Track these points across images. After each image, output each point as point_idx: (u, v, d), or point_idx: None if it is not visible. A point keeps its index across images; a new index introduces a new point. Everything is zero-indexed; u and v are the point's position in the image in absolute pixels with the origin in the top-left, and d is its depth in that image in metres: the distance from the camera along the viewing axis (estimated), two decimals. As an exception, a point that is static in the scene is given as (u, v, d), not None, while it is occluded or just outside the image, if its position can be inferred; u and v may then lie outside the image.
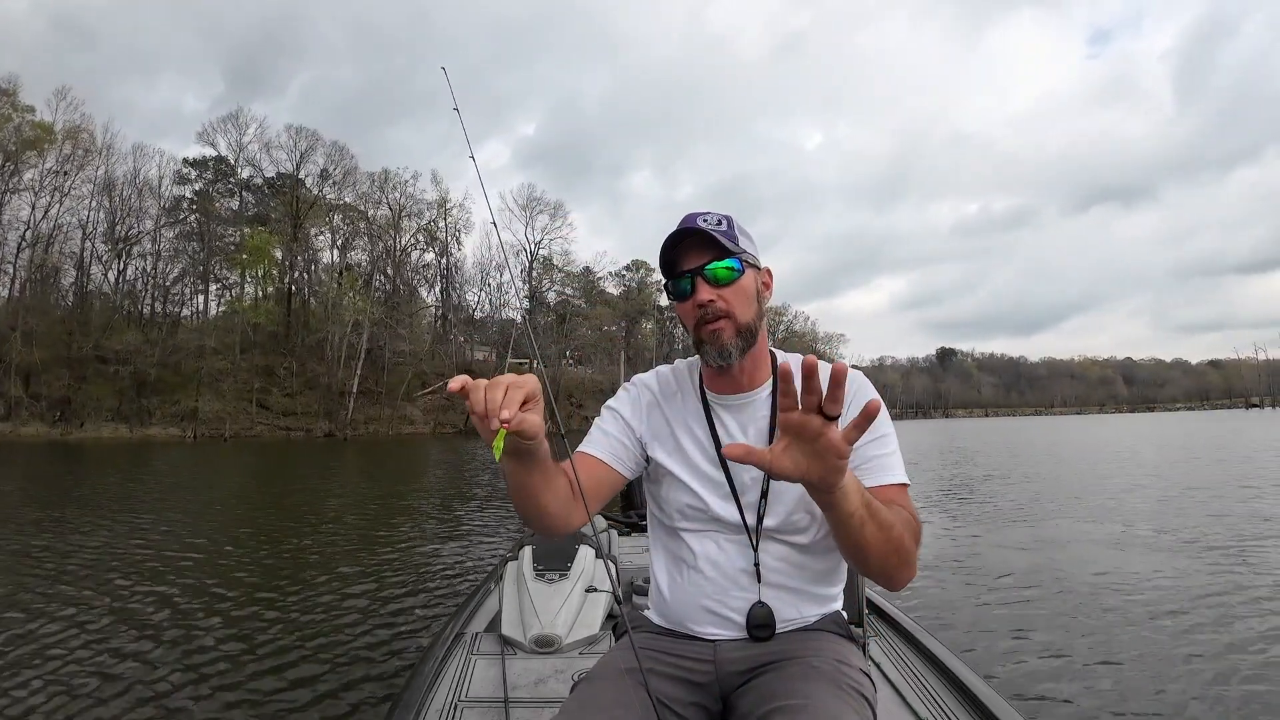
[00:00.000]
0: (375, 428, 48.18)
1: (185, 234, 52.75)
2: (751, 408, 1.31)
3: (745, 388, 1.31)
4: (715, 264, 1.23)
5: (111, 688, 3.40)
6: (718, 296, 1.23)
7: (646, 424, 1.37)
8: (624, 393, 1.43)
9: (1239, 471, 13.40)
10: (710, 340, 1.24)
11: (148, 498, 11.87)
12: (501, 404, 0.95)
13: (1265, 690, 3.26)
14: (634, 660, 1.14)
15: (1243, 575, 5.46)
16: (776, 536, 1.27)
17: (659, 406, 1.38)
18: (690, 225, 1.25)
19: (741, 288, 1.25)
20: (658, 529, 1.41)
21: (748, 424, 1.30)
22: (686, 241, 1.25)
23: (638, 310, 73.70)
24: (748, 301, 1.25)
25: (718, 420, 1.32)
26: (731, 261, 1.24)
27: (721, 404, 1.33)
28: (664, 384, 1.41)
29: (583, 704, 1.13)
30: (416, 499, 11.74)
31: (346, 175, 57.27)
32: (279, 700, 3.28)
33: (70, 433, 39.15)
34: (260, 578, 5.81)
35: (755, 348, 1.27)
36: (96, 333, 44.14)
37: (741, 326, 1.24)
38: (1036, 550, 6.64)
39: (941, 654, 2.22)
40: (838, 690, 1.09)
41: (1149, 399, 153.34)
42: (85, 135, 47.70)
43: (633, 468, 1.37)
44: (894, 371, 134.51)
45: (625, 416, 1.38)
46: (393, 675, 3.55)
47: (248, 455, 26.41)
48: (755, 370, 1.30)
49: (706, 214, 1.28)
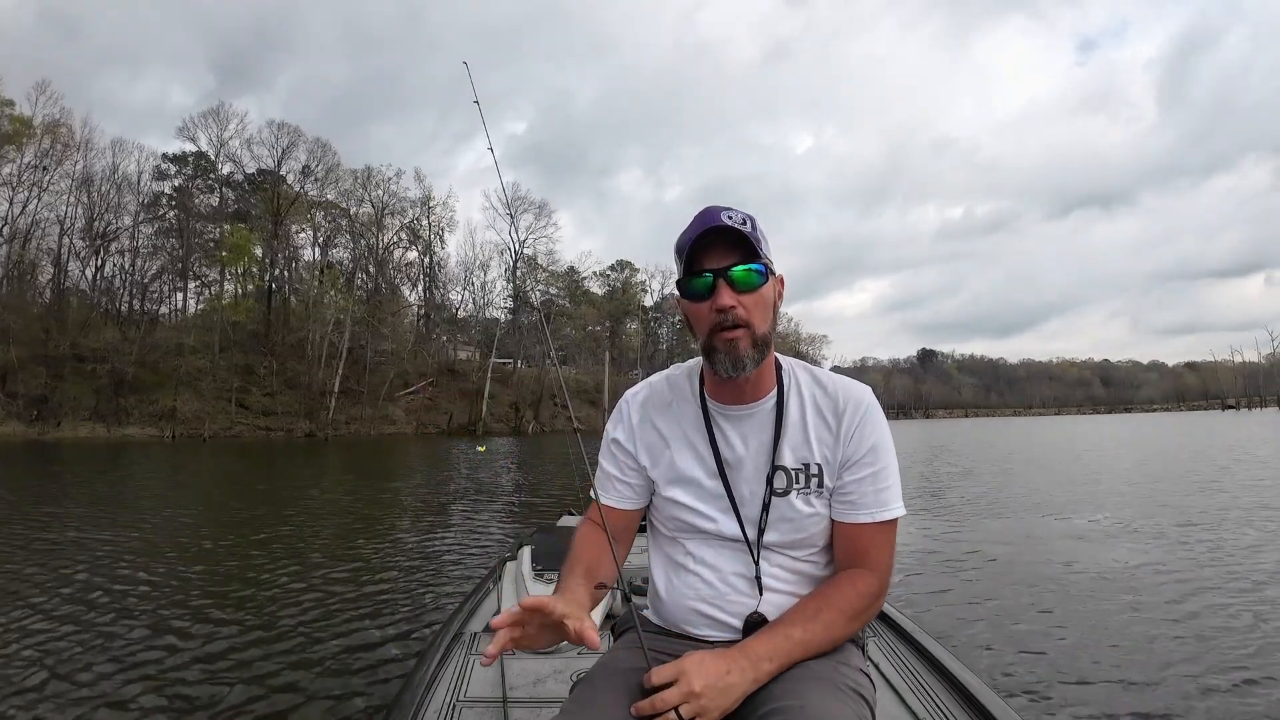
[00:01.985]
0: (357, 428, 47.76)
1: (164, 230, 52.00)
2: (755, 419, 1.27)
3: (749, 398, 1.27)
4: (741, 267, 1.16)
5: (109, 690, 3.37)
6: (738, 303, 1.16)
7: (640, 442, 1.34)
8: (617, 415, 1.39)
9: (1236, 471, 13.58)
10: (725, 349, 1.18)
11: (133, 498, 11.73)
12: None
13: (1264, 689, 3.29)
14: (632, 660, 1.14)
15: (1240, 571, 5.52)
16: (777, 549, 1.26)
17: (650, 419, 1.35)
18: (715, 220, 1.17)
19: (763, 296, 1.19)
20: (656, 533, 1.40)
21: (749, 435, 1.27)
22: (710, 236, 1.17)
23: (622, 310, 73.62)
24: (766, 311, 1.20)
25: (718, 431, 1.28)
26: (758, 266, 1.17)
27: (723, 414, 1.28)
28: (656, 394, 1.36)
29: (582, 704, 1.12)
30: (409, 499, 11.64)
31: (329, 172, 56.72)
32: (277, 701, 3.26)
33: (47, 432, 38.54)
34: (251, 579, 5.74)
35: (766, 358, 1.23)
36: (74, 330, 43.45)
37: (759, 338, 1.18)
38: (1035, 550, 6.69)
39: (940, 654, 2.22)
40: (836, 690, 1.09)
41: (1126, 400, 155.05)
42: (64, 130, 47.08)
43: (648, 496, 1.37)
44: (876, 372, 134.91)
45: (624, 444, 1.36)
46: (391, 676, 3.54)
47: (228, 455, 26.08)
48: (761, 381, 1.26)
49: (730, 210, 1.20)
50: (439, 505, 10.64)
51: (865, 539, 1.23)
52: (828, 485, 1.24)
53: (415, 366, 55.36)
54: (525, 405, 57.56)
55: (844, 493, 1.24)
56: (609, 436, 1.39)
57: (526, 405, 57.54)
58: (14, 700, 3.27)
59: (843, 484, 1.24)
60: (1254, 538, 6.80)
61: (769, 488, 1.24)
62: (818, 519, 1.25)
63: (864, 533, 1.22)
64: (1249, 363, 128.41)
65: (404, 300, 61.84)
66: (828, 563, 1.29)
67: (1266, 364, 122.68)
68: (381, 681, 3.49)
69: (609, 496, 1.36)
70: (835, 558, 1.29)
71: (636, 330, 76.11)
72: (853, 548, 1.23)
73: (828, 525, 1.26)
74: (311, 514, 9.67)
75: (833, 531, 1.27)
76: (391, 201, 59.28)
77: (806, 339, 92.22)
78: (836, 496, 1.25)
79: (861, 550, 1.23)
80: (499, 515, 9.26)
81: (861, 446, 1.23)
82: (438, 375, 56.29)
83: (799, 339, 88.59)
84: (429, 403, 53.92)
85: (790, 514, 1.24)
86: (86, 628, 4.36)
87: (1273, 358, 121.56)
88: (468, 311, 65.73)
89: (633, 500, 1.36)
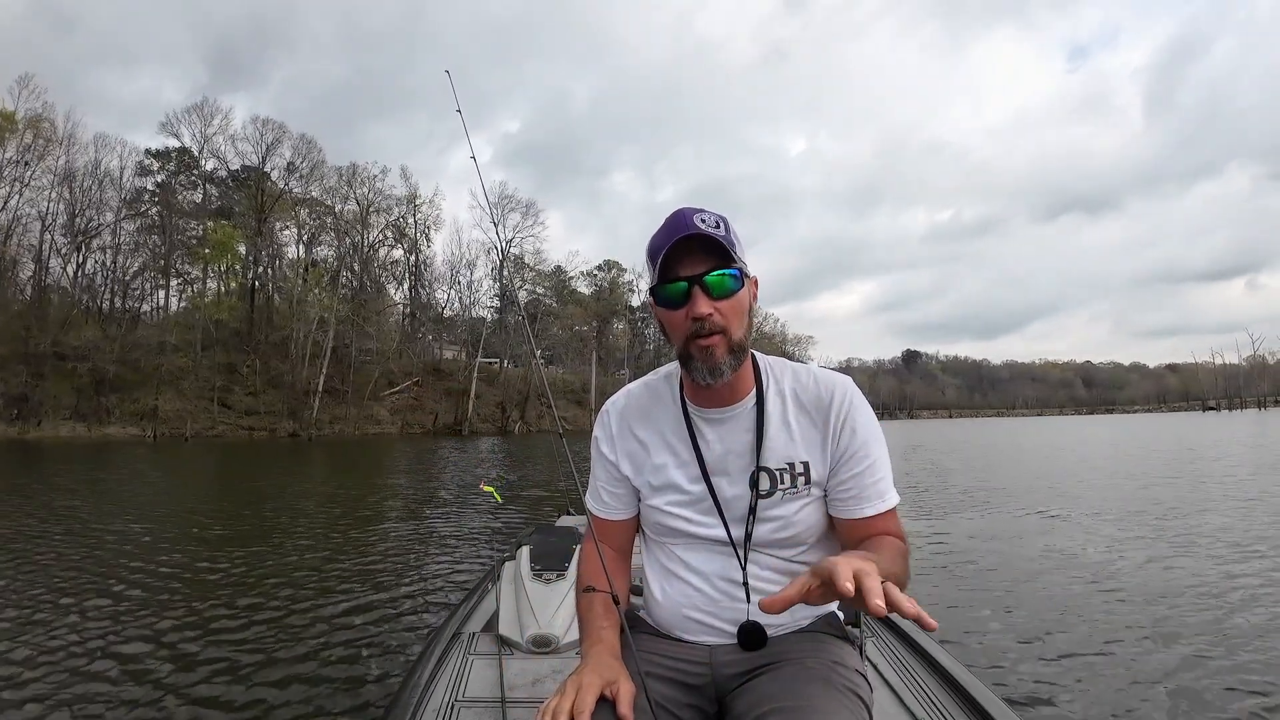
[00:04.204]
0: (341, 427, 47.36)
1: (146, 227, 51.20)
2: (735, 421, 1.27)
3: (728, 401, 1.26)
4: (716, 273, 1.14)
5: (105, 691, 3.36)
6: (715, 310, 1.15)
7: (621, 451, 1.36)
8: (601, 424, 1.39)
9: (1220, 469, 13.80)
10: (702, 357, 1.16)
11: (120, 499, 11.58)
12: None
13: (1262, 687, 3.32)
14: (631, 662, 1.15)
15: (1241, 571, 5.59)
16: (766, 550, 1.26)
17: (630, 429, 1.35)
18: (688, 225, 1.14)
19: (738, 301, 1.17)
20: (647, 539, 1.40)
21: (731, 437, 1.26)
22: (684, 242, 1.14)
23: (610, 310, 73.50)
24: (742, 316, 1.19)
25: (699, 434, 1.28)
26: (733, 271, 1.15)
27: (703, 417, 1.28)
28: (635, 402, 1.37)
29: None
30: (403, 499, 11.56)
31: (313, 169, 56.14)
32: (275, 702, 3.26)
33: (28, 431, 37.99)
34: (246, 579, 5.71)
35: (743, 362, 1.23)
36: (54, 328, 42.83)
37: (735, 344, 1.17)
38: (1027, 548, 6.75)
39: (938, 654, 2.23)
40: (833, 691, 1.09)
41: (1108, 401, 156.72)
42: (47, 125, 46.37)
43: (637, 504, 1.38)
44: (861, 373, 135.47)
45: (607, 455, 1.37)
46: (389, 675, 3.54)
47: (212, 455, 25.81)
48: (739, 382, 1.25)
49: (703, 212, 1.17)
50: (437, 506, 10.58)
51: (871, 530, 1.23)
52: (815, 481, 1.24)
53: (400, 366, 54.98)
54: (511, 405, 57.31)
55: (843, 489, 1.24)
56: (596, 448, 1.40)
57: (513, 405, 57.29)
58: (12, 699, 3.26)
59: (839, 481, 1.24)
60: (1246, 531, 6.91)
61: (754, 490, 1.24)
62: (806, 517, 1.25)
63: (868, 526, 1.23)
64: (1230, 365, 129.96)
65: (389, 299, 61.40)
66: (820, 557, 1.26)
67: (1247, 366, 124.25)
68: (380, 681, 3.49)
69: (599, 507, 1.39)
70: (842, 549, 1.29)
71: (624, 330, 76.02)
72: (860, 538, 1.24)
73: (816, 523, 1.27)
74: (303, 515, 9.60)
75: (833, 527, 1.28)
76: (377, 199, 58.88)
77: (793, 339, 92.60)
78: (834, 494, 1.25)
79: (870, 537, 1.22)
80: (500, 516, 9.23)
81: (854, 442, 1.23)
82: (423, 375, 55.92)
83: (785, 339, 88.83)
84: (414, 402, 53.57)
85: (777, 514, 1.24)
86: (86, 628, 4.34)
87: (1253, 360, 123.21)
88: (454, 310, 65.52)
89: (621, 510, 1.38)
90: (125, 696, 3.31)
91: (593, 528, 1.37)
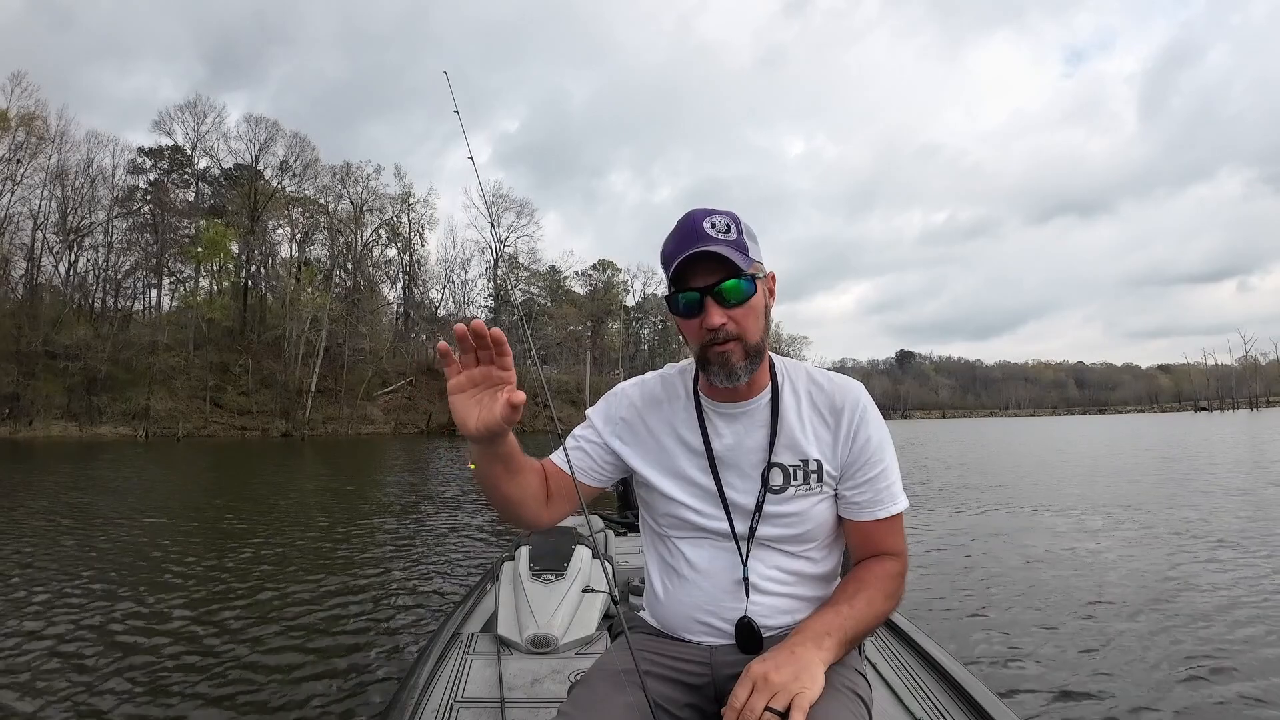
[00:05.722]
0: (334, 427, 47.22)
1: (138, 225, 50.99)
2: (750, 416, 1.27)
3: (744, 396, 1.27)
4: (728, 283, 1.15)
5: (105, 691, 3.36)
6: (729, 319, 1.16)
7: (621, 433, 1.35)
8: (602, 401, 1.40)
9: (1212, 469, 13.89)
10: (719, 363, 1.18)
11: (114, 498, 11.53)
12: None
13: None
14: (630, 661, 1.14)
15: (1239, 570, 5.62)
16: (770, 545, 1.26)
17: (640, 416, 1.35)
18: (699, 234, 1.16)
19: (753, 306, 1.18)
20: (650, 533, 1.40)
21: (744, 432, 1.27)
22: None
23: (604, 310, 73.49)
24: (758, 320, 1.19)
25: (711, 426, 1.28)
26: (745, 282, 1.16)
27: (717, 411, 1.29)
28: (648, 392, 1.37)
29: (580, 706, 1.13)
30: (398, 499, 11.55)
31: (307, 168, 56.17)
32: (275, 702, 3.26)
33: (18, 430, 37.79)
34: (244, 580, 5.70)
35: (760, 363, 1.23)
36: (46, 327, 42.61)
37: (751, 349, 1.18)
38: (1025, 547, 6.77)
39: (937, 654, 2.24)
40: (833, 691, 1.08)
41: (1100, 401, 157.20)
42: (39, 122, 46.13)
43: (599, 477, 1.36)
44: (855, 373, 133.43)
45: (597, 426, 1.37)
46: (388, 676, 3.54)
47: (205, 455, 25.71)
48: (755, 378, 1.24)
49: (714, 214, 1.19)
50: (435, 505, 10.57)
51: (879, 533, 1.26)
52: (828, 479, 1.26)
53: (394, 365, 54.82)
54: (506, 405, 57.01)
55: (854, 494, 1.26)
56: (589, 414, 1.40)
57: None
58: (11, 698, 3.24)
59: (851, 485, 1.26)
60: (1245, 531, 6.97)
61: (764, 485, 1.25)
62: (818, 514, 1.27)
63: (877, 528, 1.26)
64: (1221, 365, 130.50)
65: (383, 298, 61.33)
66: (824, 558, 1.30)
67: (1238, 367, 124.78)
68: (379, 682, 3.49)
69: (558, 457, 1.34)
70: (851, 552, 1.32)
71: (618, 330, 76.00)
72: (868, 542, 1.27)
73: (825, 521, 1.28)
74: (300, 515, 9.58)
75: (843, 528, 1.30)
76: (371, 198, 58.85)
77: (787, 340, 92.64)
78: (845, 498, 1.27)
79: (877, 542, 1.26)
80: (495, 515, 9.19)
81: (866, 448, 1.25)
82: (417, 374, 55.74)
83: (779, 339, 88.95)
84: (407, 402, 53.43)
85: (790, 510, 1.25)
86: (83, 631, 4.32)
87: (1244, 361, 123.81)
88: (448, 310, 65.35)
89: (579, 470, 1.33)
90: (125, 696, 3.30)
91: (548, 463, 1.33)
